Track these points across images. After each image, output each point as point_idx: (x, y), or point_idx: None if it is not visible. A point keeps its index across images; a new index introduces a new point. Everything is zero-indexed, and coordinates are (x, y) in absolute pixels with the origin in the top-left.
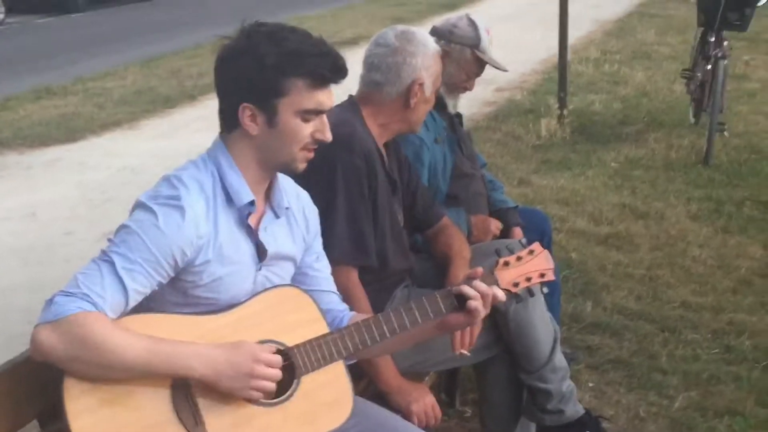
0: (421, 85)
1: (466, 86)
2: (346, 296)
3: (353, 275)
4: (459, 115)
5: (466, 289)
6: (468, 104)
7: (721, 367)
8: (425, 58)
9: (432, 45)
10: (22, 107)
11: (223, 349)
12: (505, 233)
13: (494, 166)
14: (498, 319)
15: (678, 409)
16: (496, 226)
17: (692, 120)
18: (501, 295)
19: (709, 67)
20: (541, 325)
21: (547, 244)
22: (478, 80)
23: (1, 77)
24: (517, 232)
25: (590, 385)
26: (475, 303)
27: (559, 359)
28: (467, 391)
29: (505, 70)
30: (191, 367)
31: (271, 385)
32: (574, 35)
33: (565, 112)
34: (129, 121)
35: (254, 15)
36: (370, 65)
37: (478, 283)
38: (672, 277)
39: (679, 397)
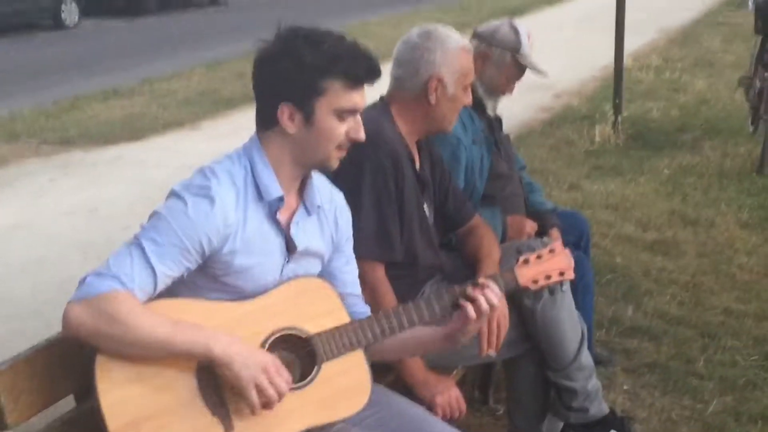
0: (440, 80)
1: (505, 89)
2: (372, 291)
3: (379, 270)
4: (498, 119)
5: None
6: (524, 109)
7: (759, 373)
8: (445, 55)
9: (454, 42)
10: (90, 107)
11: (246, 344)
12: (542, 235)
13: (545, 171)
14: (526, 317)
15: (712, 414)
16: (531, 226)
17: (750, 128)
18: (485, 306)
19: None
20: (569, 324)
21: (584, 247)
22: (536, 86)
23: (72, 78)
24: (554, 233)
25: (625, 387)
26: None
27: (586, 358)
28: (501, 389)
29: (545, 75)
30: (209, 347)
31: (274, 394)
32: (636, 42)
33: (620, 118)
34: (191, 121)
35: (320, 20)
36: (394, 62)
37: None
38: (716, 283)
39: (714, 401)
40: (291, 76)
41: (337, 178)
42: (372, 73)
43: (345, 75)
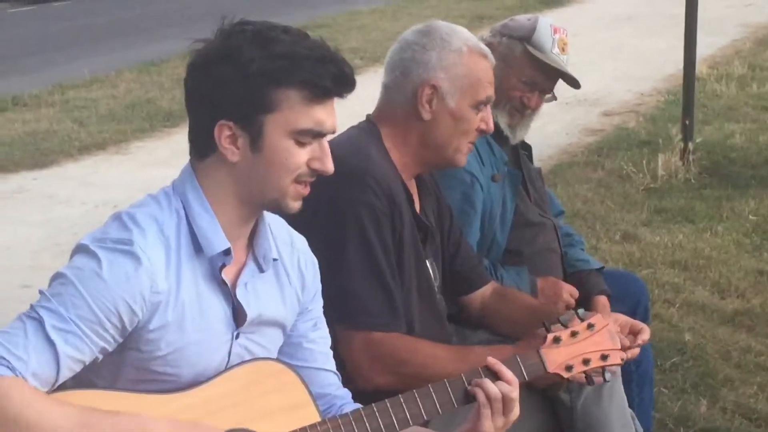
0: (435, 88)
1: (523, 100)
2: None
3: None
4: (527, 147)
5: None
6: (561, 132)
7: None
8: (444, 54)
9: (460, 41)
10: None
11: (177, 426)
12: (584, 303)
13: (590, 216)
14: (562, 416)
15: None
16: (570, 292)
17: None
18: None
19: None
20: (619, 425)
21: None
22: (577, 100)
23: None
24: (601, 302)
25: None
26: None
27: None
28: None
29: (576, 83)
30: None
31: None
32: (713, 44)
33: (692, 145)
34: (117, 142)
35: (293, 8)
36: (385, 68)
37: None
38: None
39: None
40: (232, 85)
41: (312, 228)
42: (343, 82)
43: (304, 84)
